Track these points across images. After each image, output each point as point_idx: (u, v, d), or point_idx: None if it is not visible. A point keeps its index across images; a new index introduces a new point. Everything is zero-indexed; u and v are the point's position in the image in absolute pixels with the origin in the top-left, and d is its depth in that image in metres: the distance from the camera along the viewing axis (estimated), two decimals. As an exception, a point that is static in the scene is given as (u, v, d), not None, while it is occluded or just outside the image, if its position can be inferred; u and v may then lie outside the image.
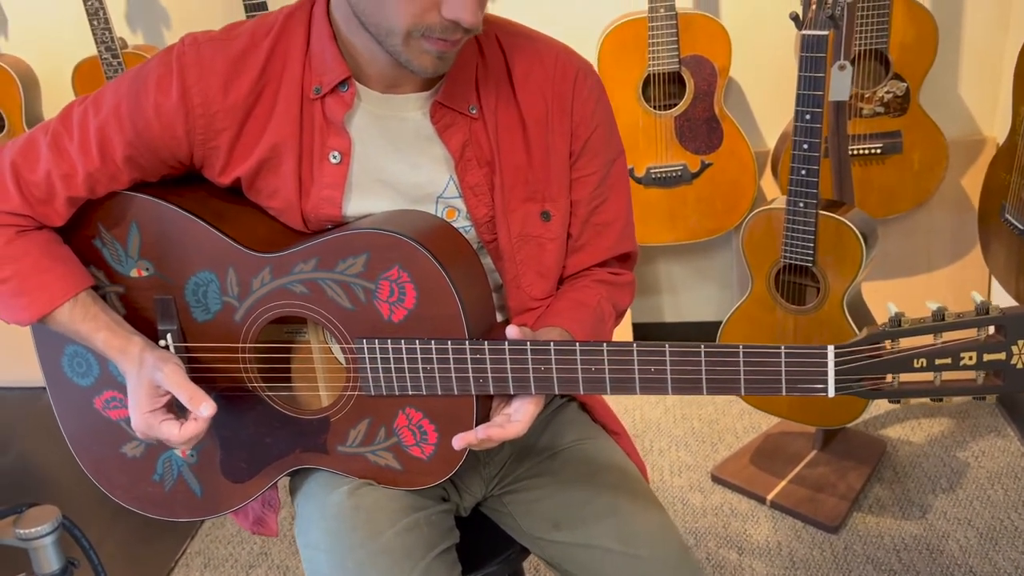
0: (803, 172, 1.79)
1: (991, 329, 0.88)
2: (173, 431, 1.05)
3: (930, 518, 2.02)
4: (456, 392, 1.04)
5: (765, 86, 2.42)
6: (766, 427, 2.37)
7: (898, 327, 0.88)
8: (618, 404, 2.59)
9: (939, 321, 0.87)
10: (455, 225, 1.12)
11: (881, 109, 2.17)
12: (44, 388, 1.25)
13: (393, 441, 1.10)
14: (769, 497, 2.12)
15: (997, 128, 2.38)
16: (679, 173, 2.28)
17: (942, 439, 2.29)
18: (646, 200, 2.33)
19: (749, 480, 2.19)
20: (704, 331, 2.29)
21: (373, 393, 1.07)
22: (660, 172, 2.28)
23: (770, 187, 2.45)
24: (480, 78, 1.10)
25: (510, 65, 1.11)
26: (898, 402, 2.20)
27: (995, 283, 2.32)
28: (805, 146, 1.77)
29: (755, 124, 2.47)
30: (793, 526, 2.05)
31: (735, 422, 2.45)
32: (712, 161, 2.27)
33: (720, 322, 2.07)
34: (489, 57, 1.10)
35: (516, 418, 1.03)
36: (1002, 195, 1.92)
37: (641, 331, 2.71)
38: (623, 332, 2.65)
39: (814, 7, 1.67)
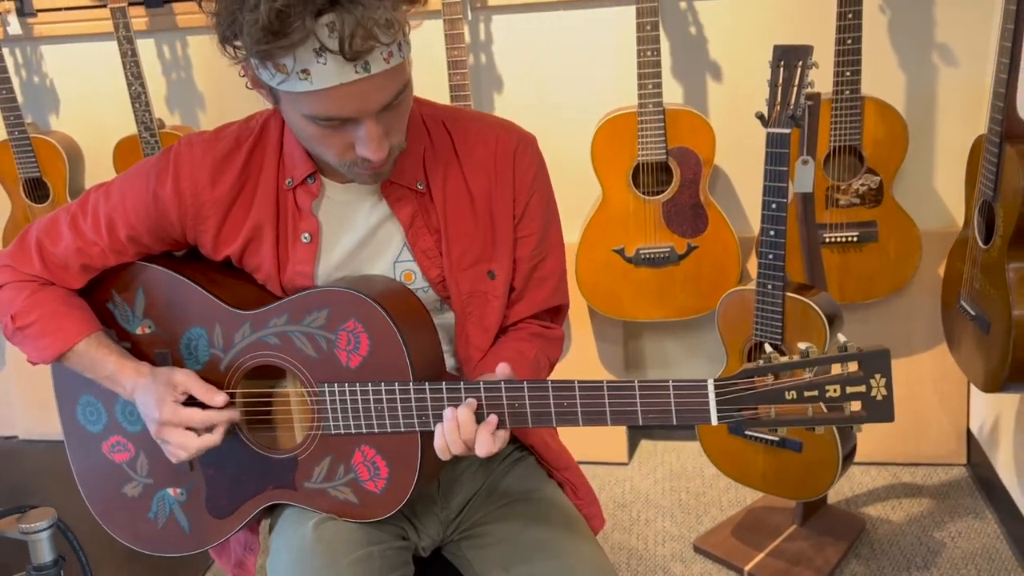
0: (770, 256, 1.93)
1: (854, 366, 1.01)
2: (195, 415, 1.23)
3: (902, 595, 2.08)
4: (402, 428, 1.18)
5: (751, 175, 2.57)
6: (751, 501, 2.45)
7: (769, 363, 1.03)
8: (609, 475, 2.68)
9: (805, 358, 1.01)
10: (413, 287, 1.28)
11: (857, 200, 2.30)
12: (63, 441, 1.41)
13: (351, 477, 1.23)
14: (747, 568, 2.19)
15: (974, 220, 2.49)
16: (667, 254, 2.42)
17: (921, 519, 2.34)
18: (637, 279, 2.47)
19: (729, 552, 2.26)
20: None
21: (333, 432, 1.22)
22: (649, 253, 2.43)
23: (756, 269, 2.57)
24: (428, 159, 1.28)
25: (456, 145, 1.29)
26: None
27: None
28: (772, 232, 1.91)
29: (742, 210, 2.61)
30: (767, 597, 2.11)
31: (721, 495, 2.53)
32: (698, 244, 2.41)
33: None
34: (437, 140, 1.28)
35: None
36: (958, 284, 2.03)
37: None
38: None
39: (778, 108, 1.83)
